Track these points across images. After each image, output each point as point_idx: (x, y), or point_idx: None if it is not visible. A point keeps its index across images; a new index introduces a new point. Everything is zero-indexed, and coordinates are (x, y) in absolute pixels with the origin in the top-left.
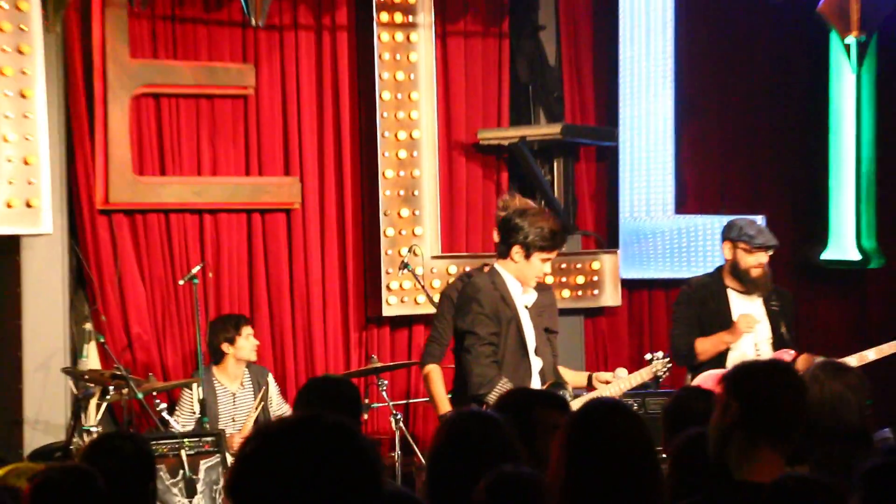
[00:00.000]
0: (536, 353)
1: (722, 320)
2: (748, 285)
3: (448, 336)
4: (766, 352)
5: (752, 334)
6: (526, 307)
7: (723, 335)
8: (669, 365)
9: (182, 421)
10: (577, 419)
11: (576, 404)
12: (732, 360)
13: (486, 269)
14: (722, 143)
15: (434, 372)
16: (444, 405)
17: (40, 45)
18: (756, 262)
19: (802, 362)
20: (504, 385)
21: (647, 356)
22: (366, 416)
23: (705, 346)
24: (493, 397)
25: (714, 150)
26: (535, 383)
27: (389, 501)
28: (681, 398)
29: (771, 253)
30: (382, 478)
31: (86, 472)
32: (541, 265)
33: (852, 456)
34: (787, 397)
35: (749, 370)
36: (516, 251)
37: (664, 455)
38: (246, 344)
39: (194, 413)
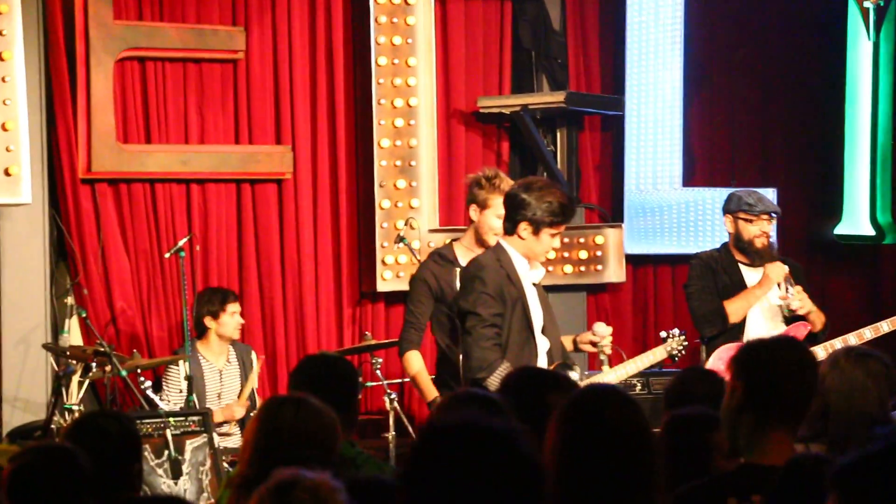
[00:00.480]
0: (543, 332)
1: (738, 291)
2: (753, 256)
3: (425, 320)
4: (780, 328)
5: (768, 302)
6: (533, 284)
7: (753, 289)
8: (685, 343)
9: (170, 399)
10: (569, 406)
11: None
12: (749, 334)
13: (454, 243)
14: (732, 113)
15: (415, 357)
16: (431, 390)
17: (18, 4)
18: (759, 230)
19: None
20: (504, 369)
21: (663, 334)
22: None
23: (735, 306)
24: (493, 381)
25: (724, 120)
26: (543, 364)
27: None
28: (683, 379)
29: (774, 220)
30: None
31: (68, 452)
32: (550, 240)
33: (870, 439)
34: (792, 376)
35: (753, 350)
36: (524, 228)
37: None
38: (230, 321)
39: (182, 391)
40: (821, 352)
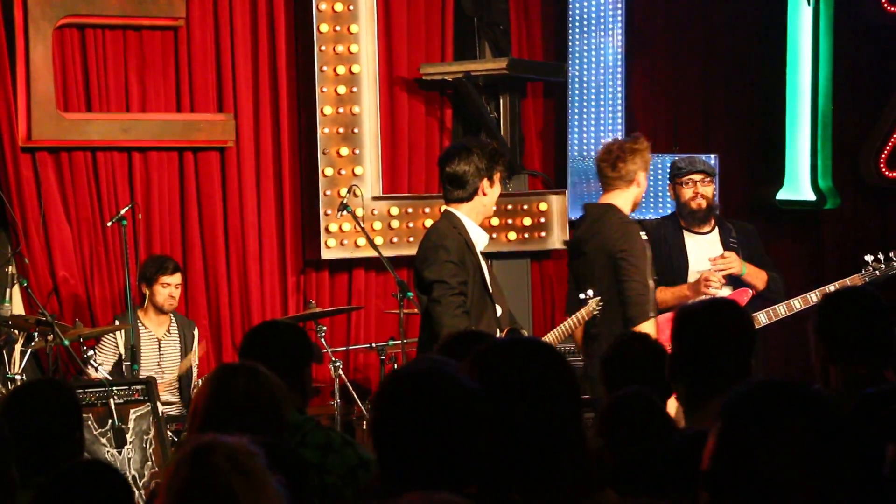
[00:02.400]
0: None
1: (677, 261)
2: (689, 219)
3: None
4: (722, 292)
5: (708, 257)
6: (480, 253)
7: (685, 289)
8: (602, 304)
9: (102, 364)
10: (478, 357)
11: None
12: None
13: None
14: (674, 79)
15: None
16: None
17: None
18: (692, 192)
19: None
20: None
21: (581, 295)
22: None
23: (665, 297)
24: None
25: (666, 86)
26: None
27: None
28: (618, 343)
29: (710, 182)
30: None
31: None
32: (499, 187)
33: None
34: (723, 342)
35: (684, 317)
36: (485, 185)
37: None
38: (161, 291)
39: (113, 356)
40: (762, 317)
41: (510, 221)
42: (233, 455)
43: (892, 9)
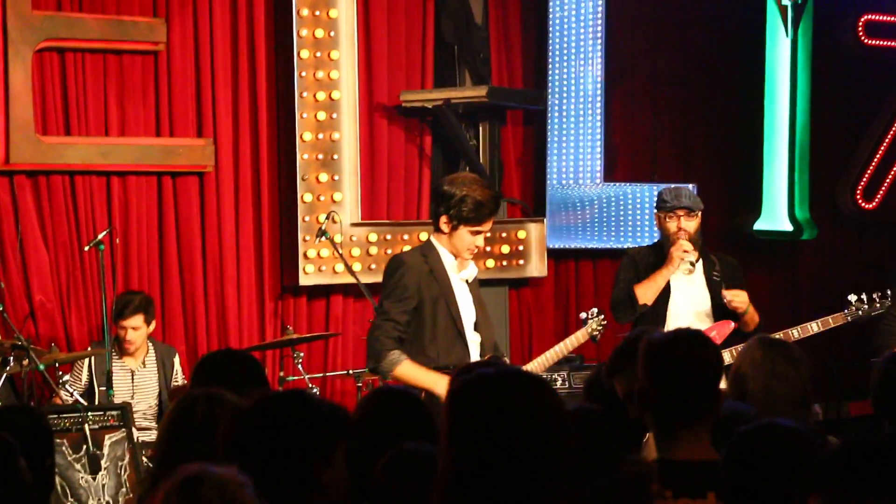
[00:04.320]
0: (476, 327)
1: (661, 291)
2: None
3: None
4: (705, 324)
5: (695, 298)
6: (466, 281)
7: (660, 270)
8: (604, 323)
9: (75, 387)
10: (458, 389)
11: None
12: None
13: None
14: (653, 108)
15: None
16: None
17: None
18: (675, 226)
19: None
20: (395, 357)
21: (582, 315)
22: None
23: (642, 288)
24: (382, 368)
25: (645, 115)
26: (475, 357)
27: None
28: (601, 373)
29: (695, 216)
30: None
31: (3, 445)
32: (471, 238)
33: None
34: (690, 376)
35: (652, 349)
36: (443, 222)
37: None
38: (121, 333)
39: (82, 382)
40: (727, 356)
41: (488, 249)
42: (221, 486)
43: (870, 42)
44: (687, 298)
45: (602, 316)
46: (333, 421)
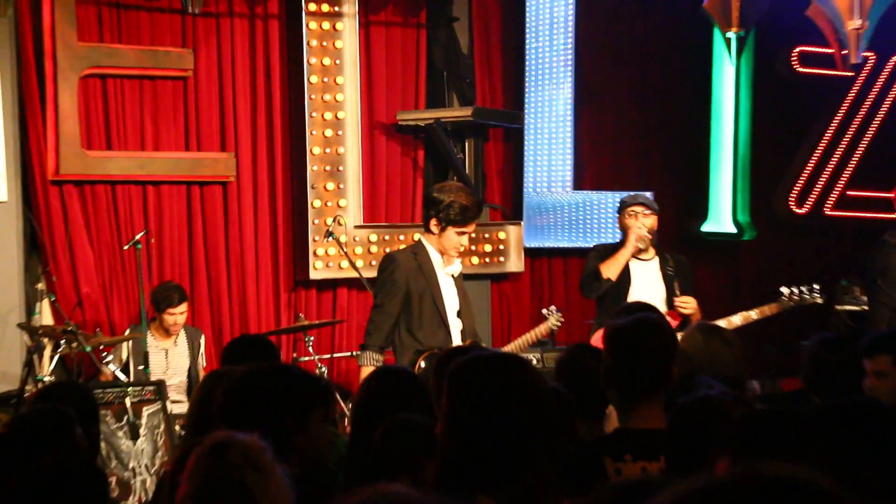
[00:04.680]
0: (459, 315)
1: (622, 282)
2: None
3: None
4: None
5: (651, 289)
6: (453, 276)
7: (620, 250)
8: (562, 319)
9: (116, 366)
10: (457, 369)
11: None
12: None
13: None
14: (616, 126)
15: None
16: None
17: None
18: (631, 223)
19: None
20: (370, 356)
21: (544, 311)
22: None
23: (606, 265)
24: (362, 360)
25: (608, 132)
26: (457, 340)
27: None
28: (573, 354)
29: (652, 214)
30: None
31: (62, 414)
32: (457, 238)
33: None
34: (649, 357)
35: (614, 334)
36: (433, 224)
37: None
38: (168, 319)
39: (121, 361)
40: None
41: (473, 248)
42: (246, 450)
43: (803, 69)
44: (644, 288)
45: (560, 313)
46: (308, 390)
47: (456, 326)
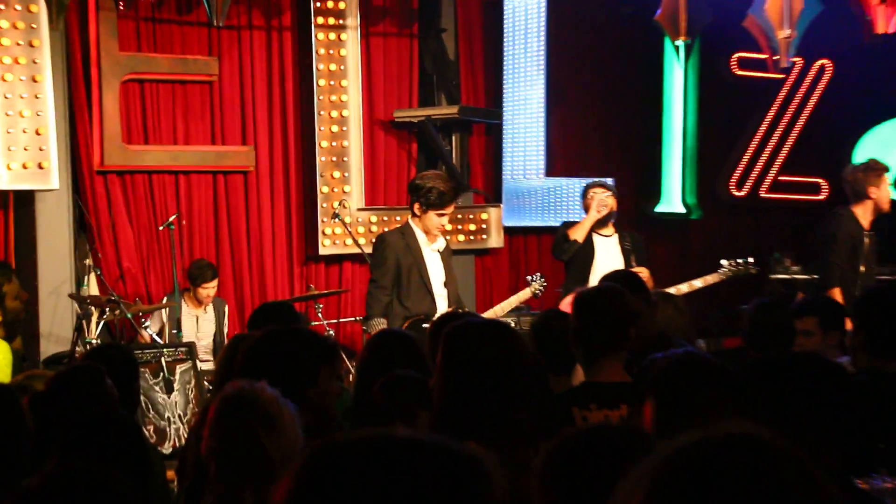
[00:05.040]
0: (445, 285)
1: (586, 253)
2: (595, 223)
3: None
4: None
5: (612, 262)
6: (439, 251)
7: (584, 219)
8: (545, 284)
9: (153, 330)
10: (451, 332)
11: None
12: (596, 275)
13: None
14: (582, 121)
15: None
16: None
17: (47, 39)
18: (593, 197)
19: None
20: (377, 322)
21: (528, 277)
22: None
23: (573, 230)
24: (367, 327)
25: (576, 126)
26: (442, 308)
27: None
28: (545, 318)
29: (610, 194)
30: None
31: (94, 370)
32: (437, 219)
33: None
34: (608, 320)
35: (580, 300)
36: (416, 208)
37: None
38: (201, 293)
39: (158, 326)
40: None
41: (460, 227)
42: (257, 398)
43: (741, 72)
44: (606, 261)
45: (543, 279)
46: (317, 349)
47: (441, 295)
